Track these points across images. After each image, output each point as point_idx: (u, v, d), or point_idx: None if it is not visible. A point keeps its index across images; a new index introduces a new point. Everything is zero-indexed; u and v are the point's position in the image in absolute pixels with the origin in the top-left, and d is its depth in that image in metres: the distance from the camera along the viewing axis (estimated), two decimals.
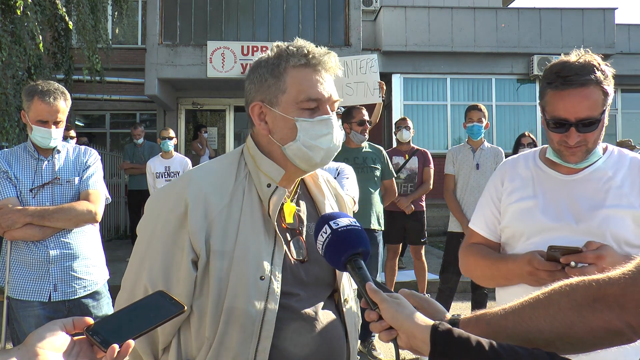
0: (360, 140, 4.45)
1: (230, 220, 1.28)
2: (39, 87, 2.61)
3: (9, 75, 6.95)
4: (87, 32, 8.40)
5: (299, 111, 1.30)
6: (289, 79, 1.31)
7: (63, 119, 2.67)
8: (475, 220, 1.89)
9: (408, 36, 11.60)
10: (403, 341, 0.97)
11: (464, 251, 1.88)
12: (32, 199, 2.59)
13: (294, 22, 11.00)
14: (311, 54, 1.32)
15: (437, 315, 1.11)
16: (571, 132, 1.58)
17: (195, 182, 1.31)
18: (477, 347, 0.88)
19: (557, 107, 1.58)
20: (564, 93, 1.56)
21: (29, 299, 2.56)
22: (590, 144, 1.62)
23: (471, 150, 4.83)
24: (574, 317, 0.95)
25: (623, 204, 1.61)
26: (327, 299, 1.38)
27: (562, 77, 1.56)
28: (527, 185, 1.75)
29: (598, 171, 1.68)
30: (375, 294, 1.01)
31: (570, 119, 1.56)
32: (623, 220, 1.60)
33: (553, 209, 1.67)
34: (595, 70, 1.56)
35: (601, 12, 12.01)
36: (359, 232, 1.09)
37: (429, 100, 12.04)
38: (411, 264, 6.05)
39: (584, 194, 1.66)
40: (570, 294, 0.97)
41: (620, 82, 12.26)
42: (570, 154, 1.63)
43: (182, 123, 12.30)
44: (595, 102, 1.56)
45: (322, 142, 1.30)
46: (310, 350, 1.29)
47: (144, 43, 11.51)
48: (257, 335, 1.23)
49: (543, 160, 1.78)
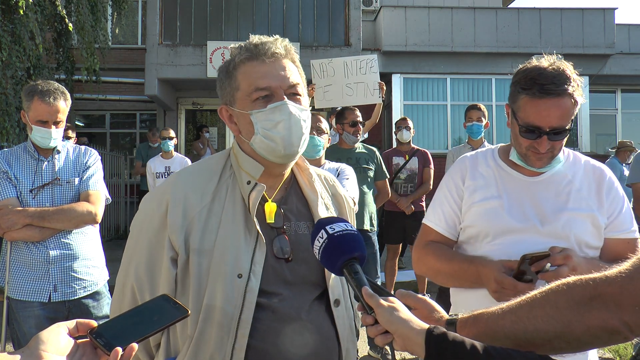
0: (352, 141, 4.45)
1: (211, 219, 1.29)
2: (38, 87, 2.61)
3: (9, 76, 6.95)
4: (86, 33, 8.40)
5: (252, 104, 1.30)
6: (239, 75, 1.32)
7: (63, 119, 2.66)
8: (432, 217, 1.84)
9: (408, 36, 11.61)
10: (399, 345, 0.98)
11: (423, 249, 1.84)
12: (32, 199, 2.58)
13: (294, 22, 11.01)
14: (253, 45, 1.32)
15: (433, 314, 1.11)
16: (543, 140, 1.59)
17: (177, 182, 1.34)
18: (471, 351, 0.89)
19: (531, 114, 1.59)
20: (540, 102, 1.56)
21: (29, 300, 2.56)
22: (557, 150, 1.65)
23: (471, 150, 4.82)
24: (571, 315, 0.96)
25: (583, 207, 1.65)
26: (316, 300, 1.35)
27: (539, 84, 1.56)
28: (490, 184, 1.74)
29: (558, 174, 1.71)
30: (371, 299, 1.01)
31: (544, 127, 1.58)
32: (584, 223, 1.64)
33: (518, 210, 1.68)
34: (569, 80, 1.57)
35: (601, 12, 12.01)
36: (355, 237, 1.08)
37: (429, 100, 12.04)
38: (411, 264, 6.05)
39: (546, 196, 1.68)
40: (567, 292, 0.98)
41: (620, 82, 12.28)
42: (537, 159, 1.65)
43: (182, 123, 12.31)
44: (568, 112, 1.58)
45: (278, 130, 1.28)
46: (292, 352, 1.27)
47: (143, 43, 11.52)
48: (234, 333, 1.23)
49: (504, 161, 1.78)
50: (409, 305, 1.12)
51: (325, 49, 10.56)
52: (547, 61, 1.61)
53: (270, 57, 1.31)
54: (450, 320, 1.09)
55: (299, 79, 1.35)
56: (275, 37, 1.35)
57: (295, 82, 1.33)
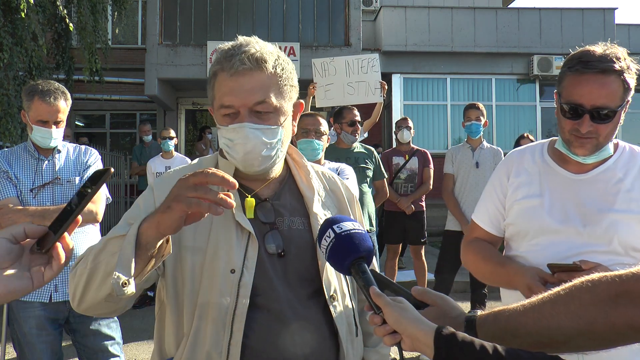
0: (350, 141, 4.44)
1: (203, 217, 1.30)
2: (39, 87, 2.61)
3: (11, 77, 6.96)
4: (87, 34, 8.40)
5: (221, 118, 1.29)
6: (215, 86, 1.30)
7: (63, 119, 2.66)
8: (478, 214, 1.84)
9: (408, 36, 11.61)
10: (407, 345, 0.96)
11: (466, 246, 1.84)
12: (33, 199, 2.58)
13: (294, 22, 11.00)
14: (225, 54, 1.28)
15: (453, 312, 1.09)
16: (584, 120, 1.51)
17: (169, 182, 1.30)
18: (480, 351, 0.88)
19: (574, 91, 1.52)
20: (582, 78, 1.50)
21: (30, 300, 2.56)
22: (602, 137, 1.54)
23: (470, 149, 4.84)
24: (595, 313, 0.94)
25: (632, 209, 1.56)
26: (312, 296, 1.34)
27: (583, 61, 1.51)
28: (534, 181, 1.69)
29: (607, 172, 1.62)
30: (379, 298, 0.99)
31: (586, 105, 1.50)
32: (631, 226, 1.55)
33: (559, 210, 1.62)
34: (618, 60, 1.50)
35: (601, 12, 12.02)
36: (362, 236, 1.08)
37: (429, 100, 12.05)
38: (411, 264, 6.06)
39: (591, 195, 1.60)
40: (592, 289, 0.96)
41: None
42: (579, 145, 1.56)
43: (182, 123, 12.31)
44: (614, 93, 1.49)
45: (236, 150, 1.28)
46: (289, 351, 1.26)
47: (144, 43, 11.52)
48: (229, 329, 1.23)
49: (551, 156, 1.71)
50: (426, 301, 1.11)
51: (325, 49, 10.56)
52: (601, 47, 1.55)
53: (236, 71, 1.24)
54: (469, 318, 1.07)
55: (268, 94, 1.26)
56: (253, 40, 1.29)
57: (260, 99, 1.25)
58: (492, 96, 12.00)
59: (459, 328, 1.02)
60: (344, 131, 4.43)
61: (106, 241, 1.17)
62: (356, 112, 4.48)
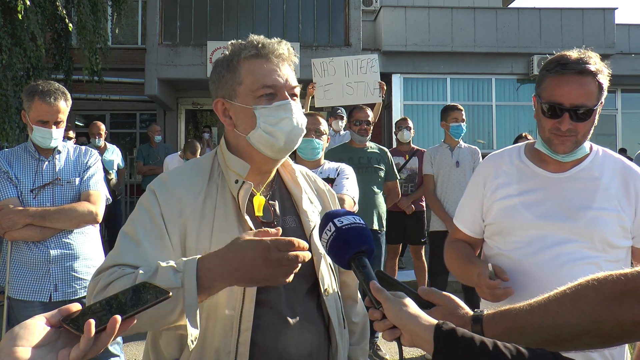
0: (359, 140, 4.44)
1: (204, 218, 1.31)
2: (39, 87, 2.61)
3: (9, 77, 6.95)
4: (87, 33, 8.39)
5: (256, 99, 1.33)
6: (243, 71, 1.34)
7: (63, 119, 2.67)
8: (458, 217, 1.92)
9: (408, 36, 11.60)
10: (407, 340, 0.97)
11: (447, 247, 1.93)
12: (33, 199, 2.59)
13: (294, 22, 11.01)
14: (261, 43, 1.35)
15: (459, 311, 1.10)
16: (564, 118, 1.59)
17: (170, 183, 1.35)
18: (480, 347, 0.88)
19: (554, 92, 1.61)
20: (561, 78, 1.60)
21: (30, 299, 2.56)
22: (580, 135, 1.63)
23: (449, 149, 4.89)
24: (601, 311, 0.95)
25: (611, 207, 1.63)
26: (308, 291, 1.38)
27: (561, 64, 1.61)
28: (512, 181, 1.75)
29: (585, 171, 1.69)
30: (379, 293, 1.00)
31: (565, 104, 1.59)
32: (610, 223, 1.61)
33: (539, 207, 1.67)
34: (593, 62, 1.60)
35: (601, 12, 12.01)
36: (363, 230, 1.08)
37: (429, 100, 12.04)
38: (411, 264, 6.05)
39: (571, 192, 1.66)
40: (598, 288, 0.97)
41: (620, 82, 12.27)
42: (560, 143, 1.64)
43: (182, 123, 12.31)
44: (590, 92, 1.58)
45: (281, 126, 1.32)
46: (290, 345, 1.30)
47: (144, 43, 11.52)
48: (237, 329, 1.25)
49: (529, 157, 1.78)
50: (432, 301, 1.11)
51: (325, 49, 10.56)
52: (576, 52, 1.65)
53: (277, 57, 1.35)
54: (476, 317, 1.08)
55: (295, 81, 1.40)
56: (278, 39, 1.39)
57: (295, 85, 1.38)
58: (492, 96, 12.00)
59: (466, 327, 1.03)
60: (352, 130, 4.47)
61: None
62: (366, 112, 4.49)
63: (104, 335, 0.83)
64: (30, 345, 0.78)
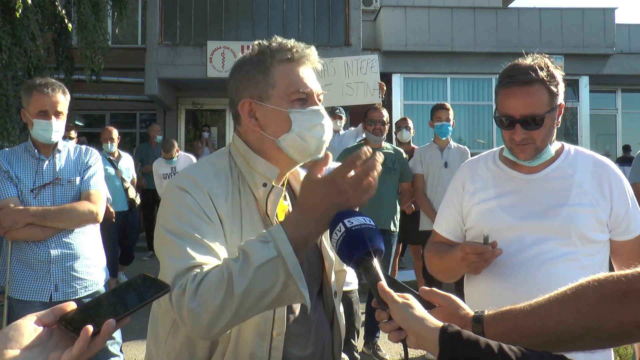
0: (374, 140, 4.48)
1: (234, 221, 1.28)
2: (37, 81, 2.64)
3: (10, 77, 6.96)
4: (88, 33, 8.39)
5: (290, 103, 1.32)
6: (277, 74, 1.33)
7: (63, 112, 2.67)
8: (437, 222, 1.96)
9: (408, 36, 11.61)
10: (412, 342, 0.97)
11: (427, 251, 1.97)
12: (33, 199, 2.59)
13: (294, 22, 11.01)
14: (294, 48, 1.36)
15: (460, 311, 1.10)
16: (517, 129, 1.63)
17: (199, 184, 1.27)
18: (485, 350, 0.88)
19: (504, 104, 1.65)
20: (509, 91, 1.64)
21: (30, 299, 2.56)
22: (539, 142, 1.65)
23: (439, 149, 4.89)
24: (602, 312, 0.95)
25: (585, 203, 1.65)
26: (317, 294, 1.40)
27: (509, 76, 1.65)
28: (489, 185, 1.78)
29: (558, 170, 1.72)
30: (386, 295, 1.00)
31: (515, 115, 1.62)
32: (585, 218, 1.64)
33: (515, 208, 1.70)
34: (541, 69, 1.62)
35: (601, 12, 12.01)
36: (373, 231, 1.07)
37: (429, 100, 12.03)
38: (411, 263, 6.06)
39: (545, 192, 1.69)
40: (598, 289, 0.97)
41: (620, 82, 12.28)
42: (520, 151, 1.67)
43: (182, 123, 12.31)
44: (539, 101, 1.61)
45: (315, 131, 1.33)
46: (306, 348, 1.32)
47: (144, 43, 11.51)
48: (269, 334, 1.26)
49: (503, 161, 1.81)
50: (433, 302, 1.12)
51: (325, 48, 10.55)
52: (528, 59, 1.68)
53: (309, 62, 1.38)
54: (476, 317, 1.08)
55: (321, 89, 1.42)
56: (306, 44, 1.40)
57: (322, 91, 1.41)
58: (492, 96, 11.98)
59: (466, 327, 1.03)
60: (367, 130, 4.51)
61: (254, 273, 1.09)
62: (382, 112, 4.54)
63: (98, 339, 0.80)
64: (20, 346, 0.76)
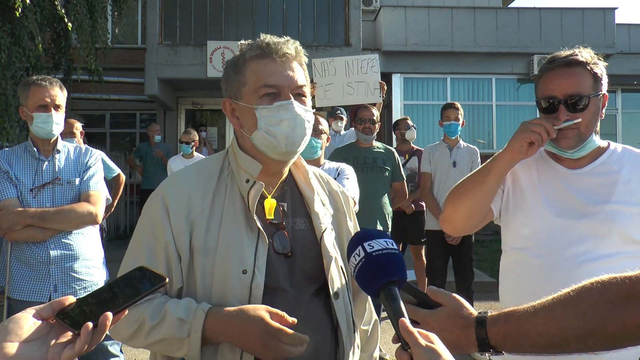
0: (364, 139, 4.44)
1: (212, 218, 1.31)
2: (33, 78, 2.68)
3: (9, 76, 6.95)
4: (84, 32, 8.38)
5: (259, 99, 1.32)
6: (248, 71, 1.34)
7: (62, 105, 2.68)
8: None
9: (408, 36, 11.60)
10: None
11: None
12: (33, 199, 2.58)
13: (294, 22, 11.00)
14: (265, 43, 1.34)
15: (464, 311, 1.09)
16: (560, 110, 1.61)
17: (178, 183, 1.36)
18: None
19: (546, 87, 1.65)
20: (551, 73, 1.64)
21: (30, 300, 2.56)
22: (583, 127, 1.61)
23: (448, 148, 4.87)
24: (606, 313, 0.95)
25: (631, 201, 1.57)
26: (316, 293, 1.36)
27: (550, 61, 1.67)
28: (532, 176, 1.73)
29: (602, 165, 1.66)
30: (409, 335, 0.91)
31: (558, 95, 1.61)
32: (630, 217, 1.56)
33: (556, 203, 1.65)
34: (583, 53, 1.63)
35: (601, 12, 12.00)
36: (396, 257, 1.00)
37: (429, 100, 12.04)
38: (411, 263, 6.05)
39: (588, 187, 1.63)
40: (602, 291, 0.97)
41: (620, 82, 12.27)
42: (562, 136, 1.63)
43: (182, 123, 12.30)
44: (582, 81, 1.60)
45: (281, 127, 1.31)
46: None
47: (144, 43, 11.51)
48: None
49: (548, 153, 1.76)
50: (438, 301, 1.11)
51: (325, 48, 10.55)
52: (569, 50, 1.69)
53: (281, 57, 1.33)
54: (479, 319, 1.06)
55: (305, 81, 1.38)
56: (287, 38, 1.38)
57: (302, 84, 1.36)
58: (492, 96, 11.99)
59: (469, 328, 1.03)
60: (357, 129, 4.46)
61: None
62: (371, 110, 4.49)
63: (96, 333, 0.81)
64: (19, 340, 0.76)
